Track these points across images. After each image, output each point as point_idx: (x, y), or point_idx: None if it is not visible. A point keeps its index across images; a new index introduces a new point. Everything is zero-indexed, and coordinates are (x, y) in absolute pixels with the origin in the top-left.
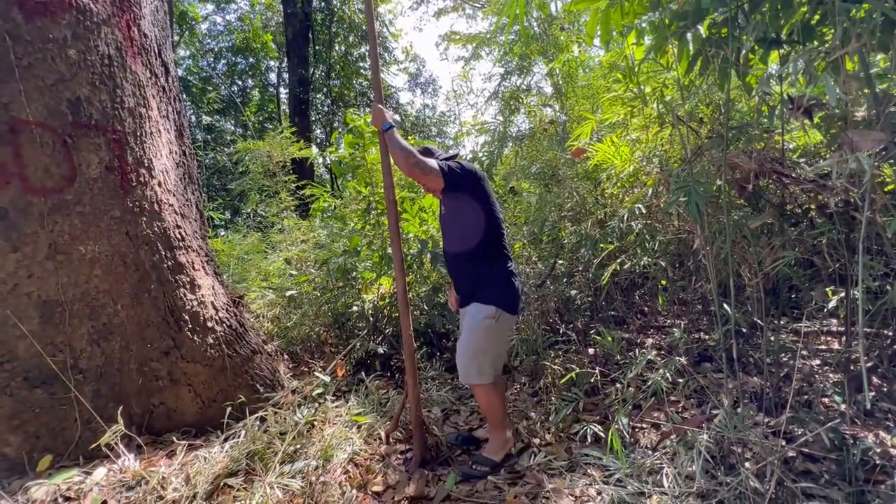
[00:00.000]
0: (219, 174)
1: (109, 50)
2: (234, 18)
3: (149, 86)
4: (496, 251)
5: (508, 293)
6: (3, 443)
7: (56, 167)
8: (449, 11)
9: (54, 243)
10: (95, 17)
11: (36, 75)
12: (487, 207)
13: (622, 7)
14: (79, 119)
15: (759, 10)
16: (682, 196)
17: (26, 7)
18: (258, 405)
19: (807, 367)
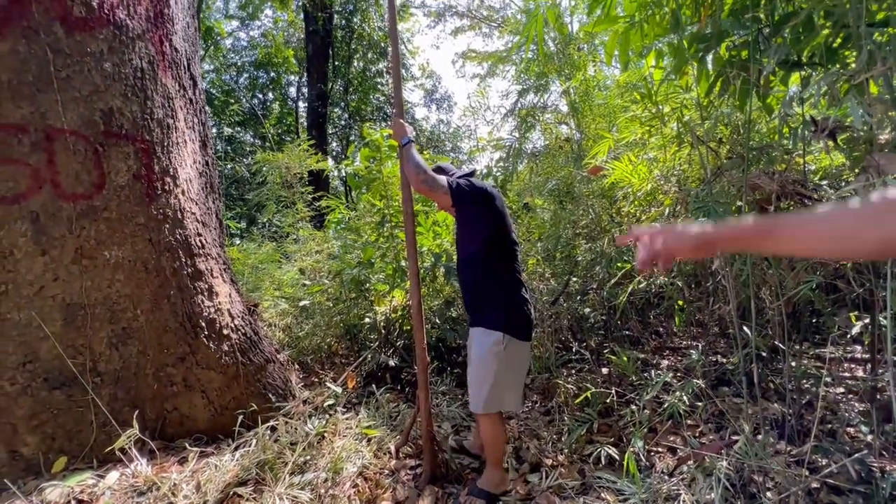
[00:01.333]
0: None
1: (142, 63)
2: (258, 34)
3: (177, 98)
4: (504, 271)
5: (514, 317)
6: (21, 442)
7: (86, 174)
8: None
9: (81, 248)
10: (131, 32)
11: (73, 86)
12: (497, 226)
13: (641, 29)
14: (110, 128)
15: (780, 33)
16: (702, 216)
17: (68, 22)
18: (269, 414)
19: (831, 394)
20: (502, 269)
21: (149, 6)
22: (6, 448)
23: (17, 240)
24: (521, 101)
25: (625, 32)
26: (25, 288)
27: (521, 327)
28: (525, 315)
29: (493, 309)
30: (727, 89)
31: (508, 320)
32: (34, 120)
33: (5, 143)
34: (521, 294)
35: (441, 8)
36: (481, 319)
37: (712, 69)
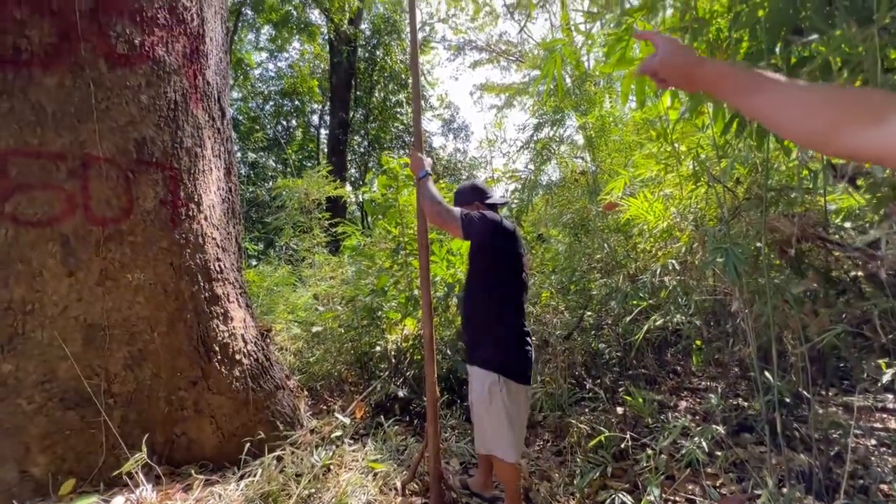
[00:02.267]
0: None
1: (176, 96)
2: (285, 65)
3: (206, 128)
4: (506, 309)
5: (511, 358)
6: (32, 462)
7: (116, 199)
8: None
9: (105, 270)
10: (168, 66)
11: (111, 117)
12: (504, 262)
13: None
14: (142, 157)
15: (796, 75)
16: (720, 256)
17: (111, 58)
18: (276, 443)
19: (861, 446)
20: (505, 306)
21: (186, 43)
22: (18, 468)
23: (46, 261)
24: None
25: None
26: (50, 308)
27: (519, 370)
28: (524, 357)
29: (491, 347)
30: (743, 129)
31: (506, 361)
32: (73, 148)
33: (45, 169)
34: (521, 335)
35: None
36: (478, 356)
37: (728, 109)
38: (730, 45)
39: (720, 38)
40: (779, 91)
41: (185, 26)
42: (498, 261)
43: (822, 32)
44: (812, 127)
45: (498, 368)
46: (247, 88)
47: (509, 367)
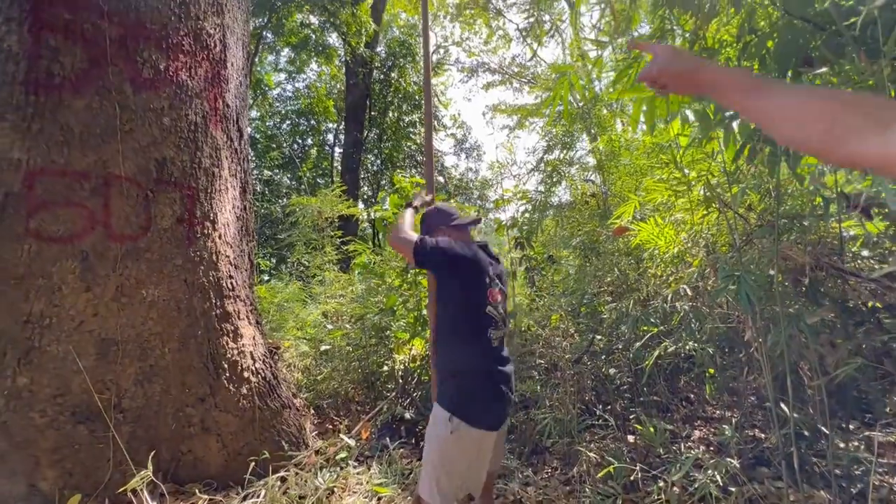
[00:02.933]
0: (271, 224)
1: (197, 118)
2: (303, 86)
3: (224, 148)
4: (468, 340)
5: (468, 400)
6: (41, 476)
7: (136, 217)
8: (497, 84)
9: (121, 286)
10: (190, 90)
11: (134, 138)
12: (464, 293)
13: (667, 97)
14: (162, 176)
15: None
16: (732, 284)
17: (137, 82)
18: (281, 463)
19: (884, 485)
20: (466, 342)
21: (208, 68)
22: (27, 481)
23: (66, 276)
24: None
25: (650, 100)
26: (67, 322)
27: (477, 411)
28: (487, 400)
29: (448, 382)
30: (755, 157)
31: (462, 400)
32: (97, 168)
33: (70, 188)
34: (488, 374)
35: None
36: (438, 391)
37: (739, 135)
38: None
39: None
40: (780, 94)
41: (208, 52)
42: (455, 292)
43: (832, 64)
44: (813, 132)
45: (451, 408)
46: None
47: (463, 409)
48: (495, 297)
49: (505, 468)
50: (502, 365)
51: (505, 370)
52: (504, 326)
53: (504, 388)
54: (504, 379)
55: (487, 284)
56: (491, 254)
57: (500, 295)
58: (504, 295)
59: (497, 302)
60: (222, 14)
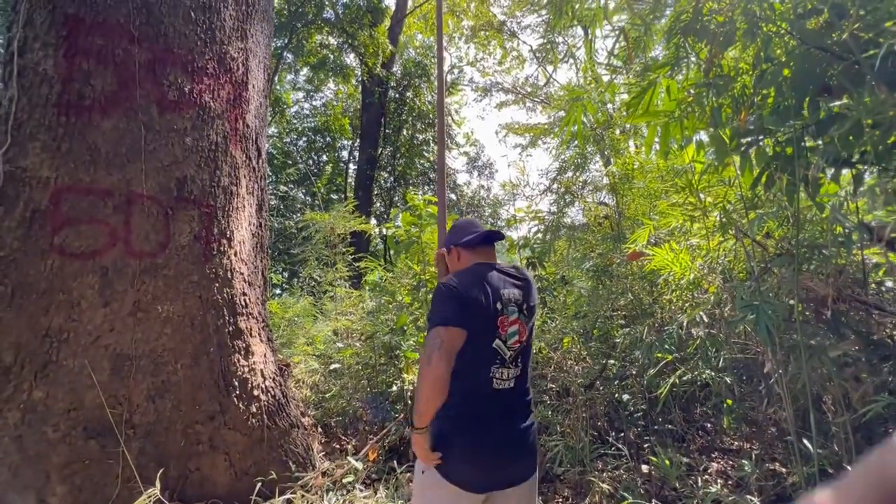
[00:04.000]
0: (284, 238)
1: (217, 138)
2: (320, 104)
3: (242, 167)
4: (457, 378)
5: (443, 446)
6: (51, 492)
7: (155, 234)
8: (510, 104)
9: (138, 301)
10: (212, 112)
11: (157, 158)
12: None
13: (681, 123)
14: (182, 194)
15: (826, 131)
16: (750, 314)
17: (162, 104)
18: (287, 484)
19: None
20: (460, 376)
21: (230, 90)
22: (36, 497)
23: (85, 291)
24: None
25: (664, 126)
26: (84, 337)
27: (453, 462)
28: (467, 450)
29: (434, 420)
30: (772, 185)
31: (436, 445)
32: (120, 186)
33: (93, 205)
34: (476, 417)
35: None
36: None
37: (756, 163)
38: (754, 102)
39: (745, 95)
40: None
41: (230, 75)
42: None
43: (850, 93)
44: None
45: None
46: (282, 125)
47: (446, 464)
48: (505, 326)
49: None
50: (508, 416)
51: (510, 422)
52: (518, 364)
53: (503, 447)
54: (505, 434)
55: (497, 313)
56: (512, 273)
57: (517, 324)
58: (523, 323)
59: (506, 333)
60: (246, 39)
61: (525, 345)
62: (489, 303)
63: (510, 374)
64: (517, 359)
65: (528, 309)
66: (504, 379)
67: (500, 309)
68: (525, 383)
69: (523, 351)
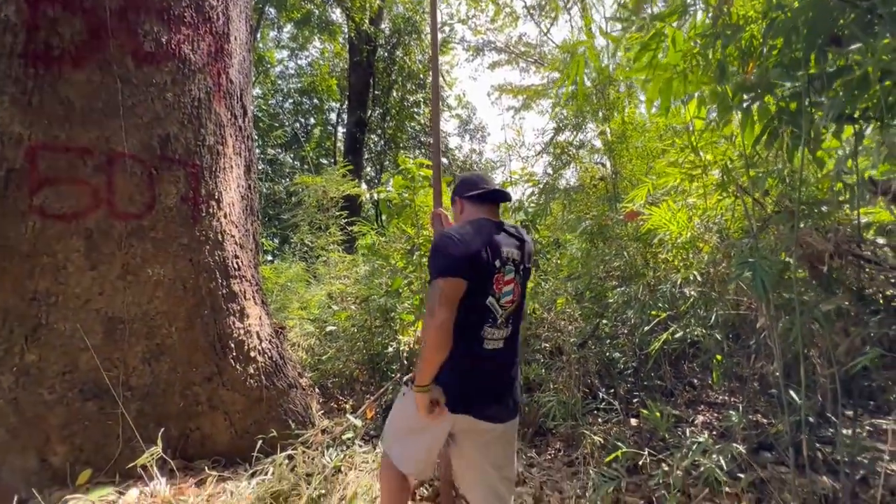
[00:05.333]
0: (274, 204)
1: (200, 94)
2: (305, 63)
3: (228, 126)
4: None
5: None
6: (52, 451)
7: (139, 195)
8: (503, 64)
9: (127, 264)
10: (193, 65)
11: (136, 114)
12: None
13: (685, 77)
14: (165, 153)
15: (831, 86)
16: (747, 271)
17: (138, 55)
18: (288, 441)
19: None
20: (456, 334)
21: (211, 42)
22: (38, 456)
23: (71, 254)
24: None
25: (667, 80)
26: (73, 300)
27: (454, 397)
28: (456, 384)
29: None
30: (774, 140)
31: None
32: (99, 144)
33: (72, 164)
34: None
35: (480, 43)
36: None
37: (758, 119)
38: (762, 52)
39: (753, 46)
40: None
41: (210, 25)
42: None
43: (863, 42)
44: None
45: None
46: (267, 85)
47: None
48: (500, 284)
49: None
50: (497, 374)
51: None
52: (509, 325)
53: (486, 391)
54: (491, 383)
55: (494, 270)
56: (513, 233)
57: (513, 283)
58: (518, 284)
59: (501, 292)
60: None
61: (518, 306)
62: (488, 258)
63: (501, 334)
64: (509, 319)
65: (524, 270)
66: (494, 339)
67: (497, 266)
68: (515, 344)
69: (515, 312)
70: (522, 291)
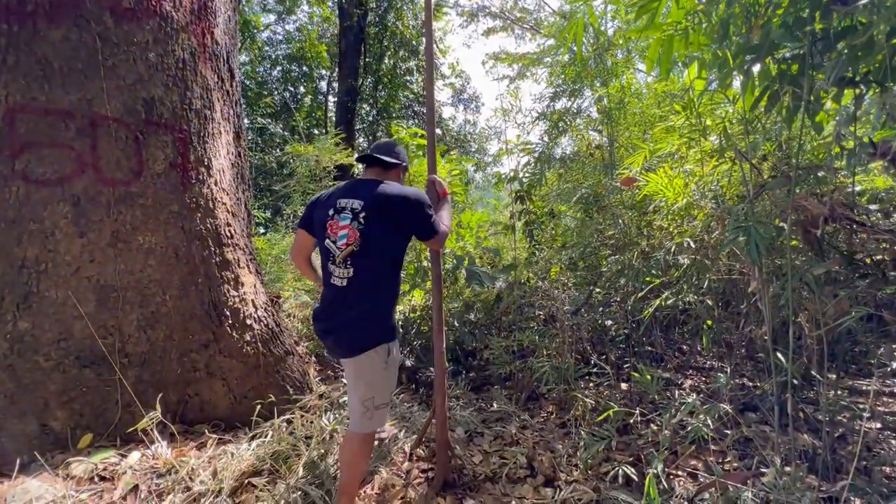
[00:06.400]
0: (265, 175)
1: (184, 55)
2: (293, 28)
3: (215, 90)
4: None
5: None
6: (52, 416)
7: (126, 161)
8: (498, 31)
9: (117, 232)
10: (175, 23)
11: (118, 75)
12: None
13: (686, 37)
14: (151, 117)
15: (835, 48)
16: (742, 235)
17: (117, 12)
18: (286, 406)
19: (871, 431)
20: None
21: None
22: (38, 421)
23: (58, 221)
24: (552, 104)
25: (668, 39)
26: (63, 268)
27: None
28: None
29: None
30: (774, 104)
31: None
32: (81, 106)
33: (54, 127)
34: (321, 304)
35: (474, 8)
36: None
37: (758, 82)
38: (767, 10)
39: (757, 4)
40: None
41: None
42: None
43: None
44: None
45: None
46: (254, 52)
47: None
48: (335, 230)
49: (503, 412)
50: (337, 307)
51: (334, 313)
52: (348, 265)
53: (325, 329)
54: (328, 319)
55: (328, 218)
56: (367, 188)
57: (347, 229)
58: (354, 229)
59: (336, 235)
60: None
61: (357, 250)
62: (325, 208)
63: (344, 273)
64: (347, 260)
65: (364, 218)
66: (339, 277)
67: (331, 214)
68: (361, 286)
69: (356, 255)
70: (366, 238)
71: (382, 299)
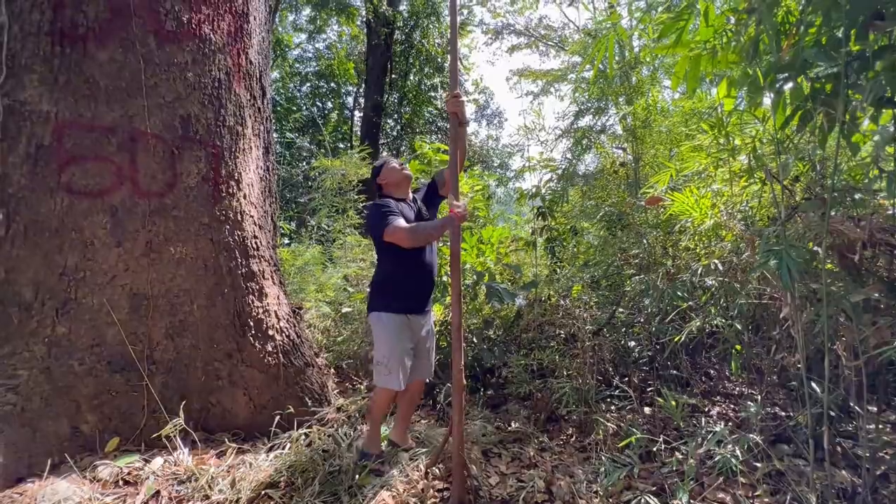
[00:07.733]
0: (291, 187)
1: (220, 74)
2: (323, 46)
3: (247, 107)
4: None
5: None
6: (83, 419)
7: (162, 174)
8: (522, 48)
9: (150, 242)
10: (213, 45)
11: (159, 94)
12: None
13: (714, 55)
14: (187, 133)
15: (871, 66)
16: (773, 259)
17: (160, 34)
18: (305, 418)
19: None
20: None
21: (231, 22)
22: (70, 423)
23: (97, 231)
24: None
25: (695, 57)
26: (100, 276)
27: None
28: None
29: None
30: (806, 123)
31: None
32: (123, 123)
33: (97, 142)
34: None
35: (499, 26)
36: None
37: (790, 101)
38: (799, 29)
39: (788, 22)
40: None
41: (230, 4)
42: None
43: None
44: None
45: None
46: (285, 69)
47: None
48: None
49: (521, 432)
50: None
51: None
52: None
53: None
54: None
55: None
56: None
57: None
58: None
59: None
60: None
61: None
62: None
63: None
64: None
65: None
66: None
67: None
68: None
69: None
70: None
71: (374, 280)
